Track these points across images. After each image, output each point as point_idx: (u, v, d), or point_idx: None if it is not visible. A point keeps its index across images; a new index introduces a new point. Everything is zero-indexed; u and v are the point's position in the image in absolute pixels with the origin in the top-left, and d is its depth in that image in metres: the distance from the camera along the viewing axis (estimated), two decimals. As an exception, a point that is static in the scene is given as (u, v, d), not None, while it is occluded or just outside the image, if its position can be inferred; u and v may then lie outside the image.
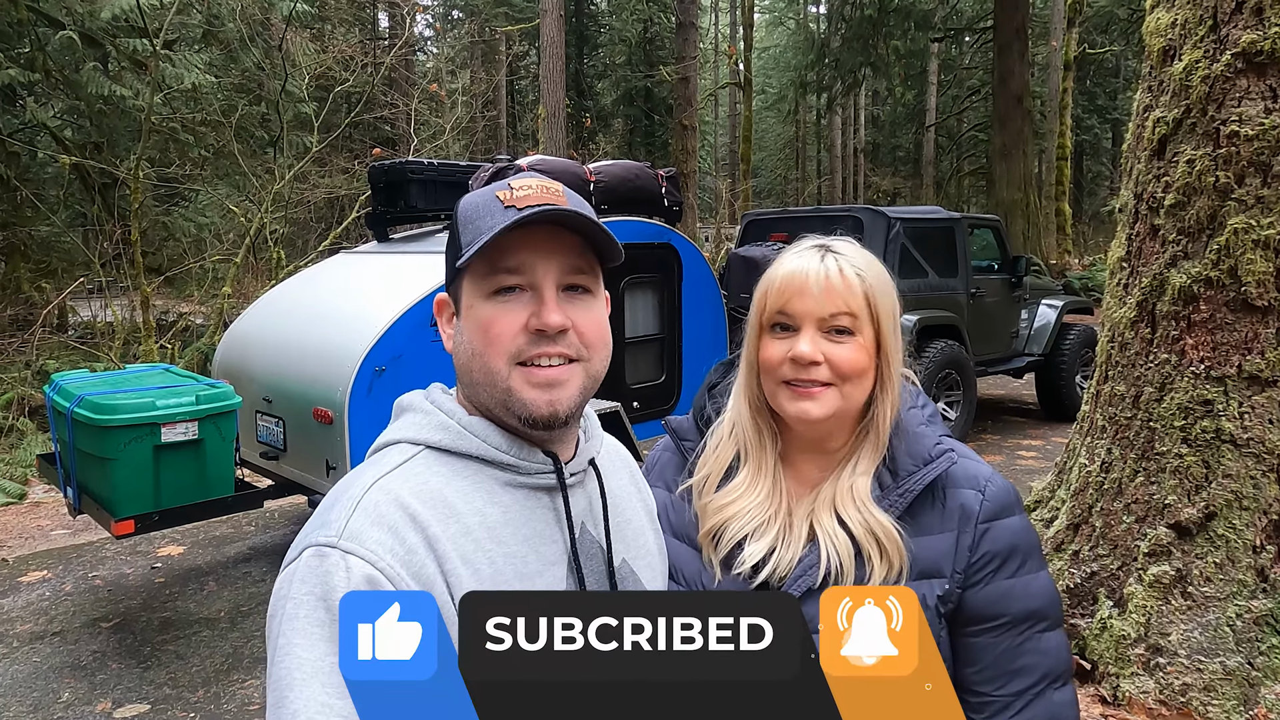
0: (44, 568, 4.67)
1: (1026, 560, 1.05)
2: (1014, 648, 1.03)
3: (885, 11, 17.60)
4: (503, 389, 0.89)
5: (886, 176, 30.20)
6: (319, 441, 3.88)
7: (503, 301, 0.88)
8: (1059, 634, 1.06)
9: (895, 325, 1.09)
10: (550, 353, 0.89)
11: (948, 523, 1.05)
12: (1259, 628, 2.58)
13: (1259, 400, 2.63)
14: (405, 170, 5.00)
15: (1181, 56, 2.81)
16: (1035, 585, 1.05)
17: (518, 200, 0.87)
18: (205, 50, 10.78)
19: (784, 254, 1.10)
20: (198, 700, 3.28)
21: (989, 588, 1.04)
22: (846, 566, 1.03)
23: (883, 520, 1.04)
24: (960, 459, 1.09)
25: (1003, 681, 1.03)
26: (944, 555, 1.04)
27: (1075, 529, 3.06)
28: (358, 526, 0.80)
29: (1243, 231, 2.63)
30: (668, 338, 5.08)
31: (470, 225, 0.90)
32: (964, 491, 1.06)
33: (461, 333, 0.92)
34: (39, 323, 8.10)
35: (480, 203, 0.91)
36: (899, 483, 1.06)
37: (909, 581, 1.03)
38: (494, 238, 0.85)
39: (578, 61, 24.78)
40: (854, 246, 1.10)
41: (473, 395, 0.93)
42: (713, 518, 1.10)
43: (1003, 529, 1.05)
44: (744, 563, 1.06)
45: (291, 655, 0.75)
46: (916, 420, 1.11)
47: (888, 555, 1.03)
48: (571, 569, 0.91)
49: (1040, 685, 1.02)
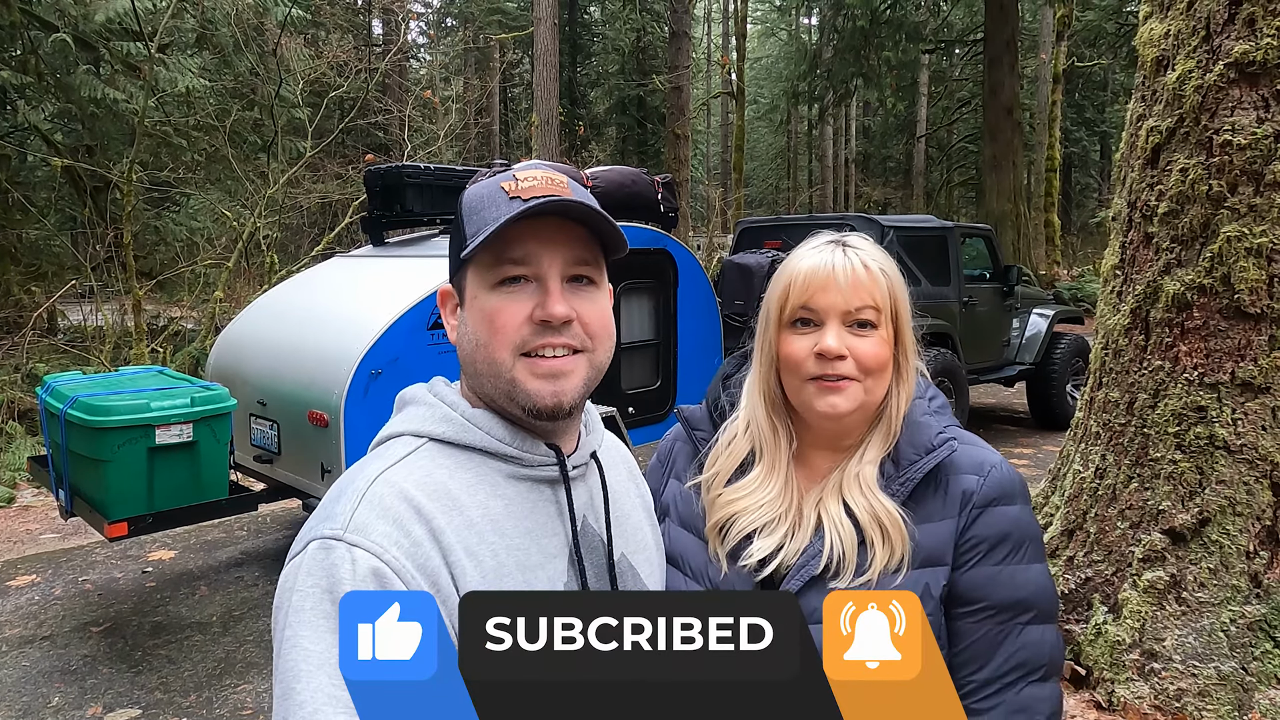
0: (33, 572, 4.63)
1: (1019, 549, 1.04)
2: (992, 635, 1.02)
3: (877, 23, 17.74)
4: (507, 379, 0.89)
5: (877, 187, 30.37)
6: (314, 445, 3.87)
7: (508, 292, 0.88)
8: (1047, 629, 1.04)
9: (910, 318, 1.10)
10: (555, 343, 0.88)
11: (949, 509, 1.05)
12: (1253, 633, 2.60)
13: (1252, 406, 2.66)
14: (401, 174, 5.00)
15: (1175, 66, 2.84)
16: (1024, 575, 1.03)
17: (523, 191, 0.87)
18: (199, 54, 10.76)
19: (798, 250, 1.10)
20: (189, 705, 3.25)
21: (973, 571, 1.03)
22: (849, 555, 1.03)
23: (888, 505, 1.04)
24: (964, 445, 1.09)
25: (976, 667, 1.02)
26: (945, 542, 1.04)
27: (1070, 535, 3.08)
28: (363, 519, 0.80)
29: (1235, 239, 2.65)
30: (663, 343, 5.09)
31: (475, 216, 0.89)
32: (966, 477, 1.06)
33: (466, 324, 0.92)
34: (29, 326, 8.05)
35: (485, 194, 0.90)
36: (900, 471, 1.06)
37: (912, 570, 1.03)
38: (499, 228, 0.85)
39: (571, 70, 24.85)
40: (868, 241, 1.10)
41: (477, 386, 0.93)
42: (721, 511, 1.10)
43: (997, 515, 1.05)
44: (751, 556, 1.06)
45: (298, 647, 0.75)
46: (921, 410, 1.11)
47: (890, 540, 1.03)
48: (573, 562, 0.91)
49: (1013, 676, 1.01)
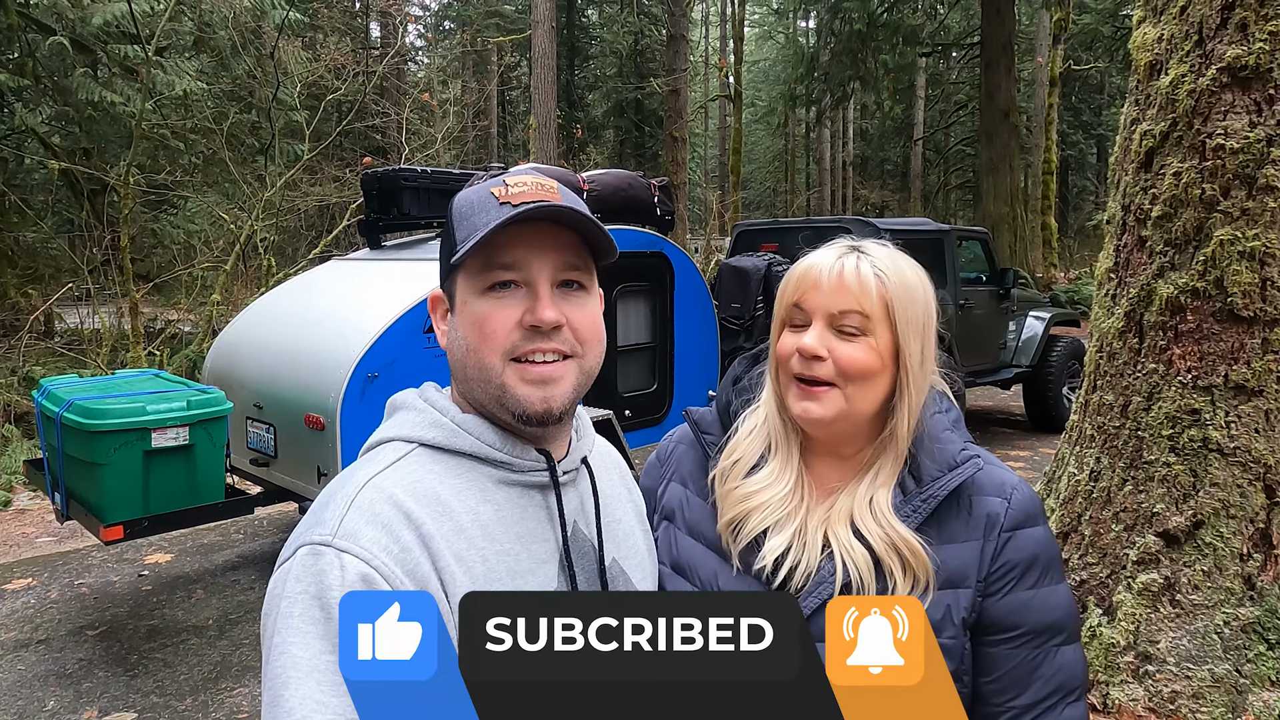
0: (29, 575, 4.62)
1: (1047, 571, 1.03)
2: (1030, 660, 1.01)
3: (874, 26, 17.76)
4: (497, 385, 0.88)
5: (875, 189, 30.41)
6: (310, 448, 3.87)
7: (497, 297, 0.88)
8: (1076, 648, 1.04)
9: (922, 333, 1.06)
10: (545, 349, 0.88)
11: (973, 531, 1.03)
12: (1246, 635, 2.61)
13: (1245, 409, 2.67)
14: (399, 177, 5.00)
15: (1168, 71, 2.85)
16: (1054, 598, 1.03)
17: (513, 196, 0.87)
18: (197, 57, 10.76)
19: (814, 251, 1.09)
20: (185, 709, 3.25)
21: (1008, 598, 1.01)
22: (866, 580, 1.00)
23: (904, 534, 1.01)
24: (986, 465, 1.06)
25: (1016, 693, 1.00)
26: (969, 564, 1.02)
27: (1064, 538, 3.08)
28: (352, 525, 0.80)
29: (1229, 243, 2.66)
30: (660, 346, 5.09)
31: (465, 221, 0.89)
32: (990, 499, 1.04)
33: (456, 329, 0.91)
34: (25, 329, 8.04)
35: (475, 199, 0.90)
36: (923, 488, 1.03)
37: (935, 591, 1.00)
38: (489, 234, 0.85)
39: (569, 73, 24.87)
40: (887, 250, 1.08)
41: (467, 392, 0.93)
42: (735, 508, 1.07)
43: (1026, 538, 1.03)
44: (764, 558, 1.04)
45: (286, 654, 0.75)
46: (941, 425, 1.08)
47: (911, 569, 1.00)
48: (563, 567, 0.91)
49: (1052, 699, 1.00)
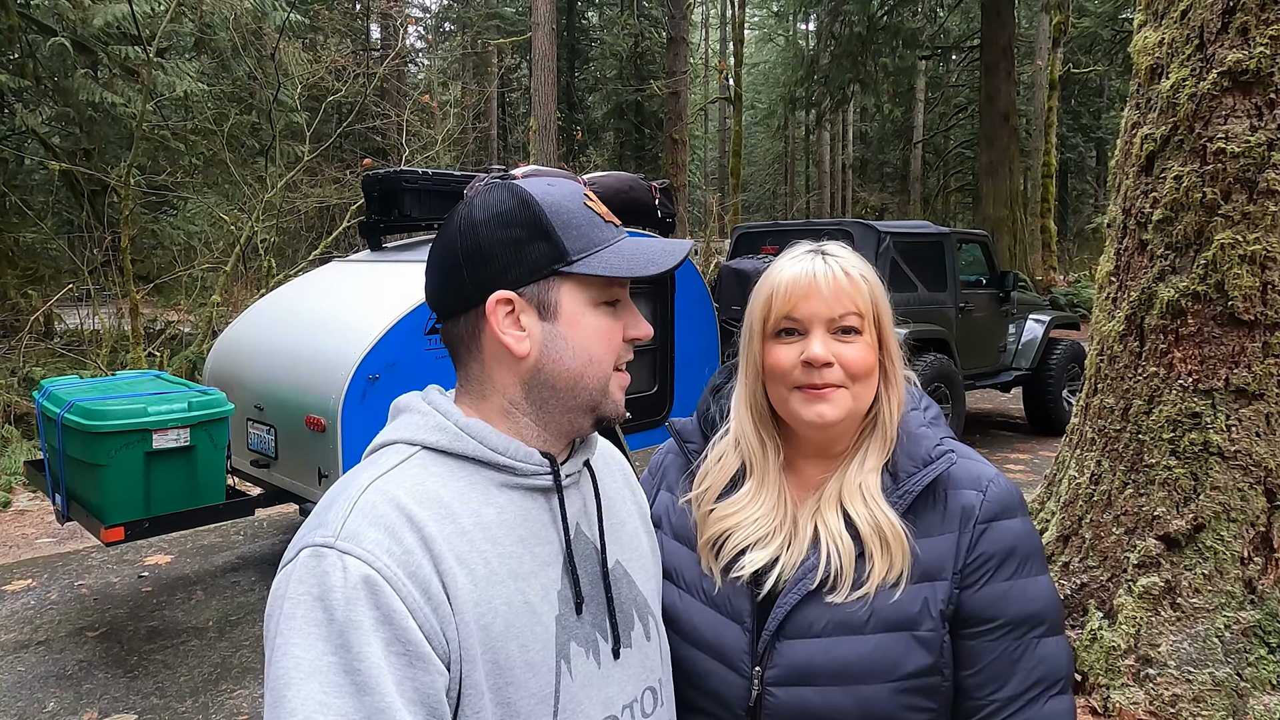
0: (29, 576, 4.62)
1: (1026, 563, 1.03)
2: (1010, 652, 1.01)
3: (874, 29, 17.79)
4: (602, 390, 0.96)
5: (874, 192, 30.43)
6: (311, 449, 3.87)
7: (611, 312, 0.97)
8: (1059, 640, 1.03)
9: (891, 323, 1.10)
10: (628, 359, 1.01)
11: (949, 524, 1.04)
12: (1247, 639, 2.61)
13: (1246, 413, 2.67)
14: (399, 179, 5.00)
15: (1169, 75, 2.86)
16: (1034, 589, 1.03)
17: (605, 214, 0.97)
18: (197, 59, 10.77)
19: (779, 261, 1.10)
20: (185, 710, 3.24)
21: (985, 590, 1.02)
22: (846, 569, 1.02)
23: (890, 516, 1.03)
24: (961, 459, 1.08)
25: (997, 686, 1.00)
26: (945, 556, 1.02)
27: (1065, 541, 3.09)
28: (355, 527, 0.81)
29: (1229, 247, 2.67)
30: (660, 348, 5.10)
31: (574, 231, 0.92)
32: (965, 492, 1.05)
33: (564, 338, 0.93)
34: (26, 329, 8.04)
35: (574, 207, 0.94)
36: (899, 484, 1.05)
37: (911, 584, 1.01)
38: (657, 274, 0.96)
39: (569, 75, 24.89)
40: (846, 249, 1.11)
41: (550, 398, 0.94)
42: (713, 527, 1.09)
43: (1002, 529, 1.04)
44: (744, 568, 1.05)
45: (289, 655, 0.75)
46: (917, 421, 1.10)
47: (889, 550, 1.02)
48: (566, 570, 0.92)
49: (1034, 691, 1.00)
